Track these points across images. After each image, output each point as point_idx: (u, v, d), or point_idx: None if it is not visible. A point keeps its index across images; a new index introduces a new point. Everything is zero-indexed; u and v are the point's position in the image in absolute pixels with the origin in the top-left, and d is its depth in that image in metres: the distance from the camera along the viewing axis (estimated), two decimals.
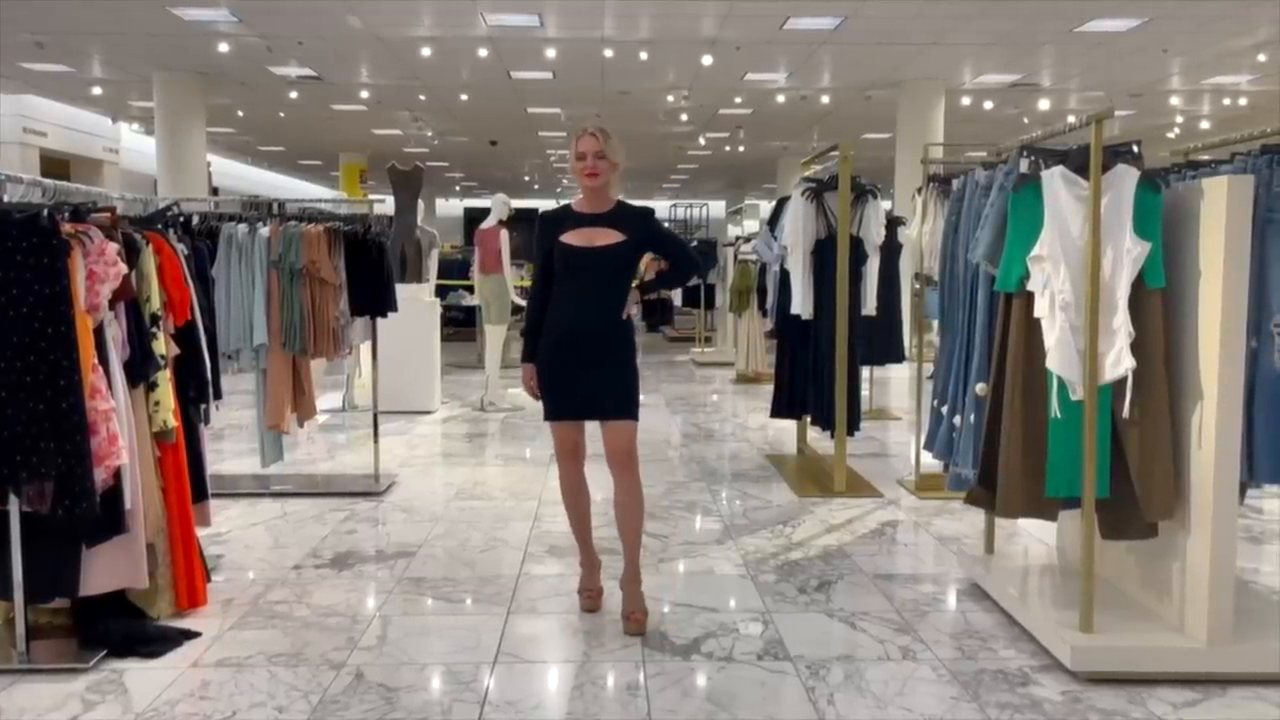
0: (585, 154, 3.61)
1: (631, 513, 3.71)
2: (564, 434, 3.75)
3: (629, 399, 3.67)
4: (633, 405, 3.68)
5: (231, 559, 4.43)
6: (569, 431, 3.75)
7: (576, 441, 3.77)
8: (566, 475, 3.82)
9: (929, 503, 5.54)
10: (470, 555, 4.54)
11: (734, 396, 10.14)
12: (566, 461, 3.79)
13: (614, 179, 3.70)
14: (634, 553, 3.72)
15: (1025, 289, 3.24)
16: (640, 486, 3.73)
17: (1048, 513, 3.33)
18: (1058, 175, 3.19)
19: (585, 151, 3.61)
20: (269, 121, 17.94)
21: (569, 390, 3.65)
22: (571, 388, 3.64)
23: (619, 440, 3.66)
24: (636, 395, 3.71)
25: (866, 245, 5.81)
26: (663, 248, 3.86)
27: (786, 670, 3.24)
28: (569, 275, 3.64)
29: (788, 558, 4.51)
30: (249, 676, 3.17)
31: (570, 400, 3.67)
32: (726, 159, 23.18)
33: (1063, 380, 3.15)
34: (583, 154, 3.61)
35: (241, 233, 5.50)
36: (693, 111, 16.40)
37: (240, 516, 5.19)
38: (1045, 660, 3.30)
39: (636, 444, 3.70)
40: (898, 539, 4.89)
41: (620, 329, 3.67)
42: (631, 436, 3.68)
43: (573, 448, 3.77)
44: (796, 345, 6.14)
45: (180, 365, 3.81)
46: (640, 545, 3.75)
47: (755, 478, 6.23)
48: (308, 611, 3.77)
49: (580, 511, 3.86)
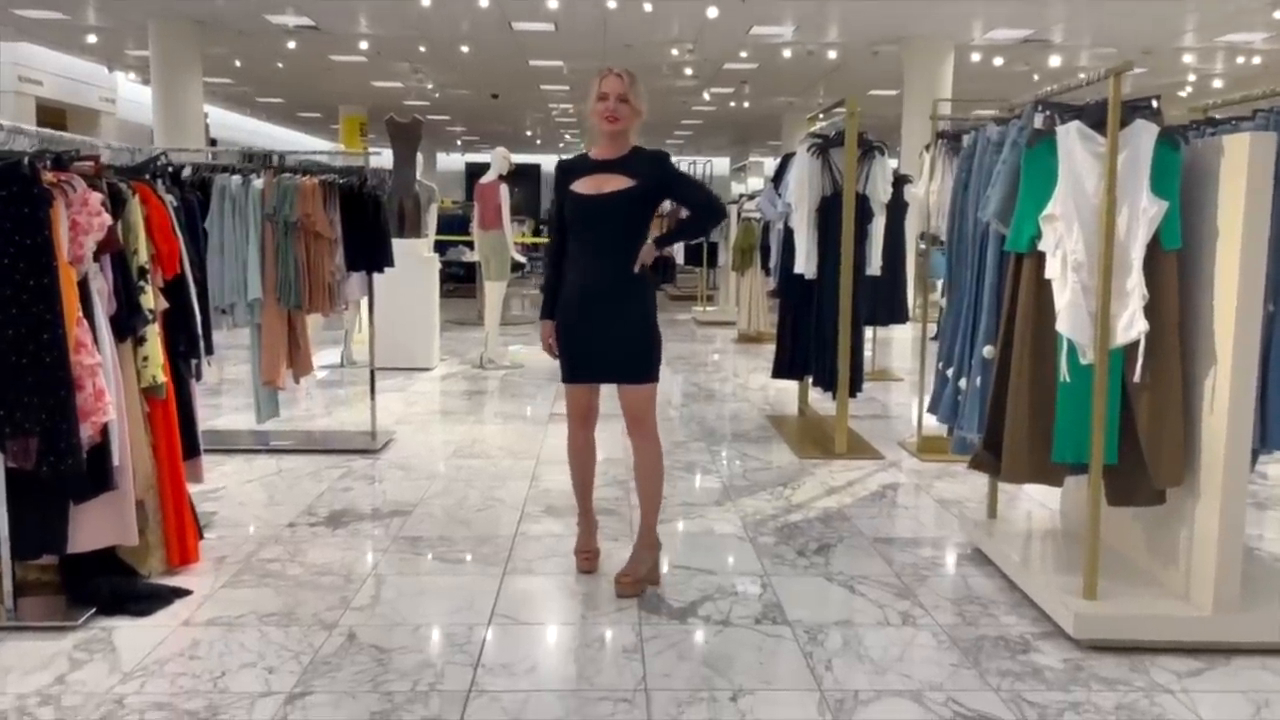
0: (608, 95, 3.45)
1: (648, 478, 3.62)
2: (577, 397, 3.65)
3: (646, 361, 3.54)
4: (649, 368, 3.55)
5: (225, 516, 4.38)
6: (583, 395, 3.65)
7: (590, 406, 3.67)
8: (574, 438, 3.73)
9: (931, 465, 5.49)
10: (466, 514, 4.49)
11: (735, 356, 10.06)
12: (576, 425, 3.70)
13: (635, 128, 3.52)
14: (651, 517, 3.62)
15: (1036, 249, 3.15)
16: (659, 452, 3.61)
17: (1053, 478, 3.27)
18: (1073, 131, 3.08)
19: (608, 92, 3.45)
20: (267, 72, 17.67)
21: (584, 352, 3.54)
22: (586, 349, 3.53)
23: (635, 405, 3.55)
24: (655, 356, 3.57)
25: (872, 203, 5.69)
26: (681, 191, 3.64)
27: (784, 634, 3.20)
28: (578, 227, 3.52)
29: (787, 520, 4.46)
30: (239, 636, 3.13)
31: (585, 363, 3.55)
32: (731, 115, 22.87)
33: (1072, 343, 3.07)
34: (605, 95, 3.45)
35: (235, 185, 5.39)
36: (697, 66, 16.12)
37: (236, 473, 5.14)
38: (1047, 627, 3.25)
39: (655, 408, 3.58)
40: (898, 502, 4.84)
41: (633, 284, 3.50)
42: (649, 401, 3.55)
43: (585, 412, 3.67)
44: (799, 305, 6.04)
45: (169, 319, 3.72)
46: (658, 505, 3.64)
47: (755, 438, 6.17)
48: (301, 570, 3.73)
49: (584, 475, 3.78)
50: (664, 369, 3.65)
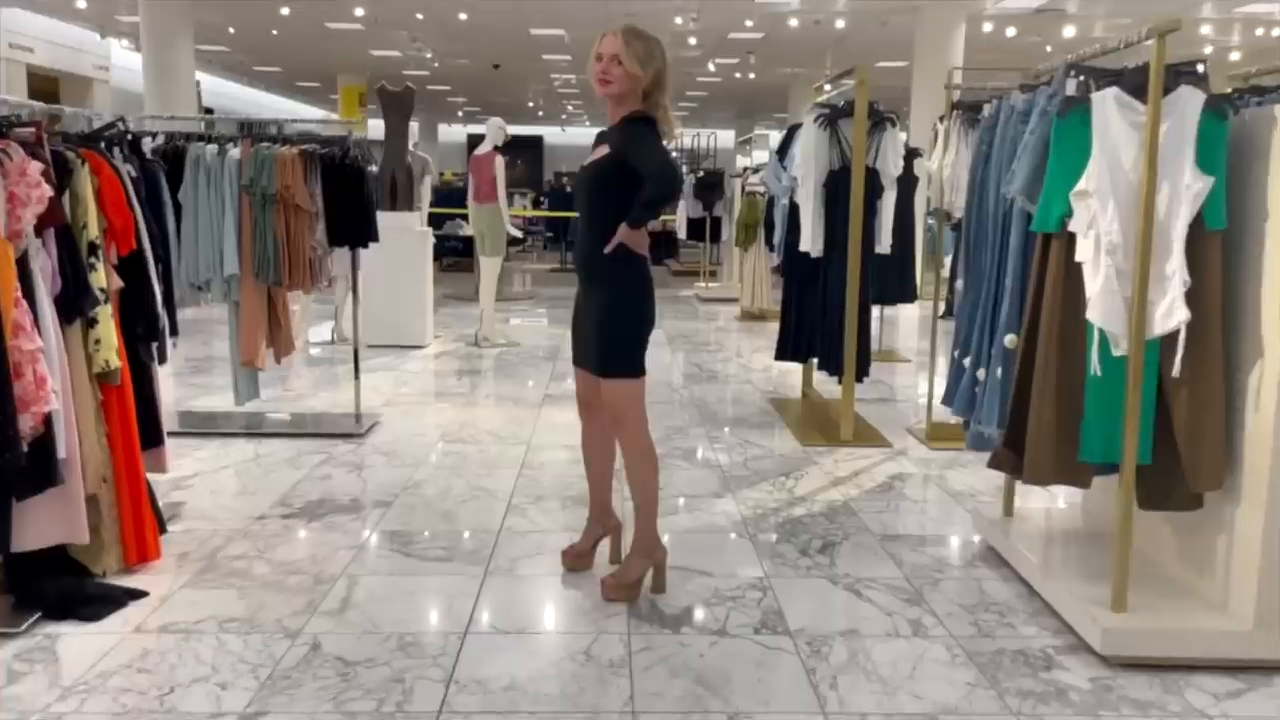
0: (601, 55, 3.15)
1: (632, 484, 3.31)
2: (578, 383, 3.47)
3: (605, 351, 3.19)
4: (610, 359, 3.17)
5: (194, 506, 4.13)
6: (579, 380, 3.45)
7: (585, 392, 3.42)
8: (582, 429, 3.51)
9: (940, 454, 5.22)
10: (450, 506, 4.24)
11: (738, 335, 9.78)
12: (580, 412, 3.49)
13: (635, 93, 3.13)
14: (641, 522, 3.29)
15: (1066, 229, 2.86)
16: (642, 453, 3.26)
17: (1080, 479, 3.00)
18: (1110, 98, 2.79)
19: (602, 52, 3.14)
20: (262, 40, 17.29)
21: (575, 334, 3.40)
22: (576, 331, 3.39)
23: (607, 400, 3.24)
24: (622, 348, 3.18)
25: (883, 178, 5.39)
26: (634, 159, 3.07)
27: (785, 647, 2.95)
28: (576, 201, 3.45)
29: (789, 514, 4.20)
30: (195, 645, 2.88)
31: (574, 345, 3.42)
32: (736, 86, 22.43)
33: (1105, 333, 2.79)
34: (599, 55, 3.15)
35: (210, 154, 5.11)
36: (702, 35, 15.72)
37: (210, 458, 4.89)
38: (1070, 640, 3.00)
39: (636, 408, 3.22)
40: (907, 494, 4.58)
41: (603, 265, 3.14)
42: (623, 398, 3.19)
43: (585, 401, 3.44)
44: (804, 284, 5.77)
45: (126, 299, 3.46)
46: (651, 512, 3.30)
47: (757, 424, 5.91)
48: (268, 569, 3.48)
49: (591, 470, 3.50)
50: (664, 348, 3.41)
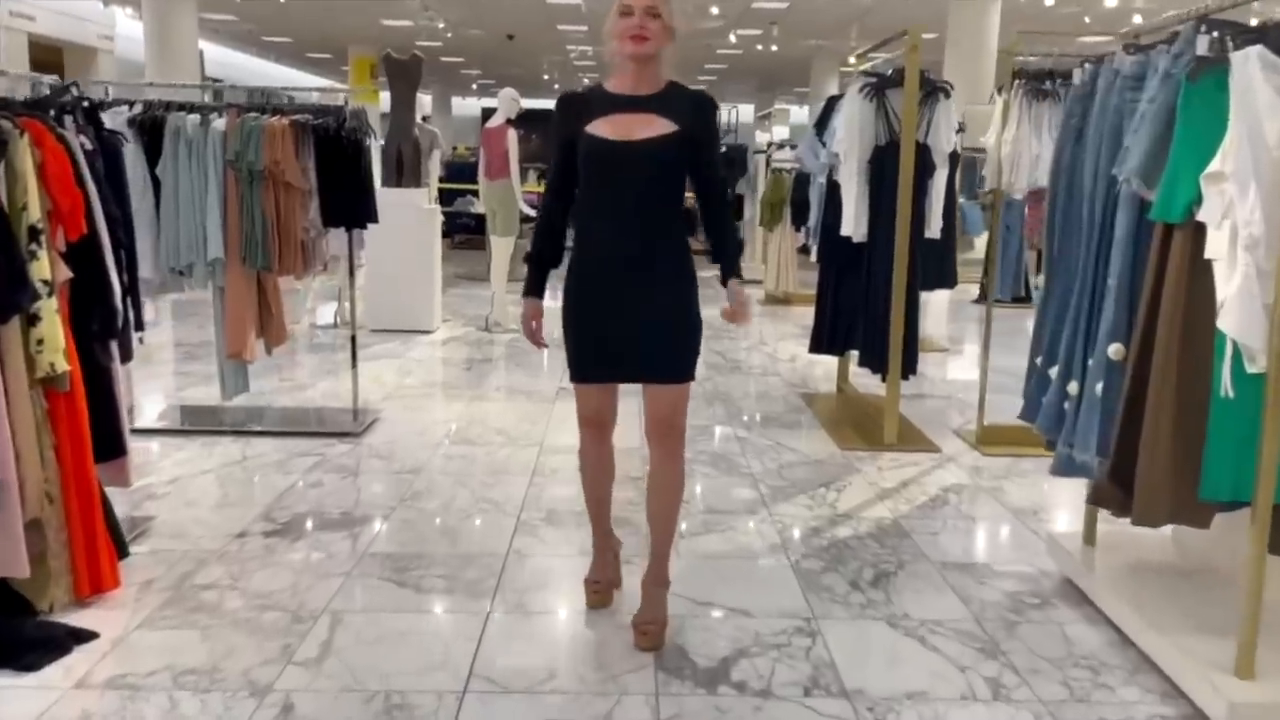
0: (633, 8, 2.66)
1: (667, 499, 2.90)
2: (592, 399, 2.91)
3: (684, 354, 2.82)
4: (688, 362, 2.83)
5: (166, 521, 3.69)
6: (600, 397, 2.91)
7: (607, 409, 2.94)
8: (589, 449, 3.00)
9: (994, 460, 4.74)
10: (452, 521, 3.78)
11: (762, 319, 9.28)
12: (591, 433, 2.97)
13: (666, 56, 2.74)
14: (664, 547, 2.91)
15: (1194, 219, 2.36)
16: (682, 468, 2.91)
17: (1199, 519, 2.51)
18: (1254, 59, 2.27)
19: (633, 5, 2.66)
20: (270, 8, 16.74)
21: (604, 342, 2.79)
22: (608, 337, 2.78)
23: (664, 408, 2.81)
24: (696, 346, 2.85)
25: (934, 154, 4.87)
26: (707, 158, 2.79)
27: (843, 715, 2.48)
28: (600, 181, 2.76)
29: (834, 535, 3.73)
30: (141, 707, 2.44)
31: (605, 356, 2.81)
32: (757, 59, 21.76)
33: (1238, 346, 2.30)
34: (629, 8, 2.67)
35: (191, 126, 4.64)
36: (724, 4, 15.11)
37: (191, 461, 4.45)
38: (1184, 709, 2.52)
39: (686, 411, 2.86)
40: (963, 510, 4.10)
41: (676, 254, 2.79)
42: (682, 403, 2.83)
43: (602, 418, 2.94)
44: (843, 271, 5.26)
45: (77, 292, 3.01)
46: (674, 538, 2.97)
47: (789, 423, 5.43)
48: (241, 602, 3.03)
49: (600, 493, 3.07)
50: None
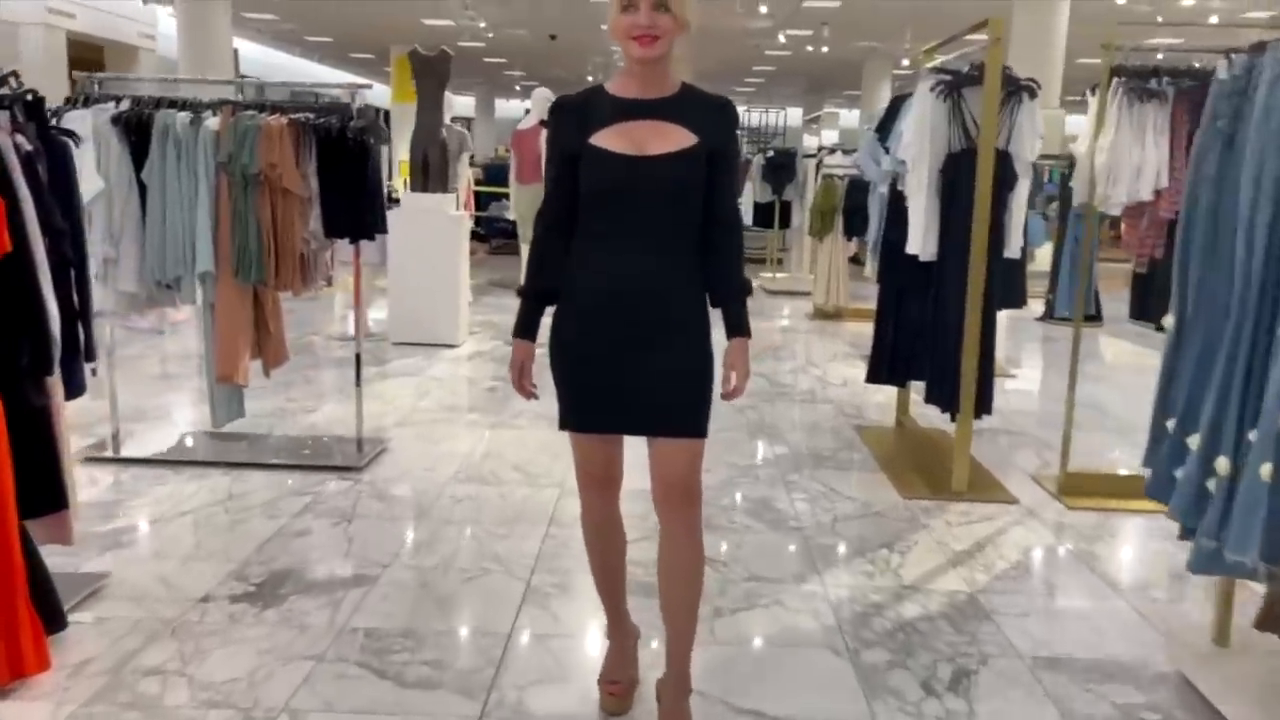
0: (636, 3, 2.16)
1: (685, 588, 2.38)
2: (593, 452, 2.41)
3: (697, 405, 2.33)
4: (702, 414, 2.34)
5: (122, 579, 3.20)
6: (601, 450, 2.41)
7: (611, 463, 2.44)
8: (592, 510, 2.50)
9: (1082, 515, 4.12)
10: (450, 587, 3.25)
11: (810, 336, 8.68)
12: (593, 493, 2.47)
13: (679, 54, 2.27)
14: (683, 643, 2.39)
15: None
16: (701, 543, 2.39)
17: None
18: None
19: (635, 0, 2.17)
20: (310, 7, 16.48)
21: (608, 386, 2.31)
22: (611, 383, 2.30)
23: (676, 467, 2.32)
24: (709, 397, 2.35)
25: (1016, 163, 4.26)
26: (722, 177, 2.31)
27: None
28: (607, 202, 2.27)
29: (899, 615, 3.14)
30: None
31: (609, 402, 2.32)
32: (807, 60, 21.11)
33: None
34: (631, 3, 2.16)
35: (180, 125, 4.18)
36: (774, 3, 14.52)
37: (170, 500, 3.97)
38: None
39: (700, 476, 2.36)
40: (1054, 584, 3.48)
41: (693, 288, 2.34)
42: (699, 461, 2.35)
43: (605, 474, 2.44)
44: (907, 293, 4.68)
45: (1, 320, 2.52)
46: (694, 631, 2.42)
47: (842, 462, 4.83)
48: (185, 696, 2.52)
49: (610, 561, 2.56)
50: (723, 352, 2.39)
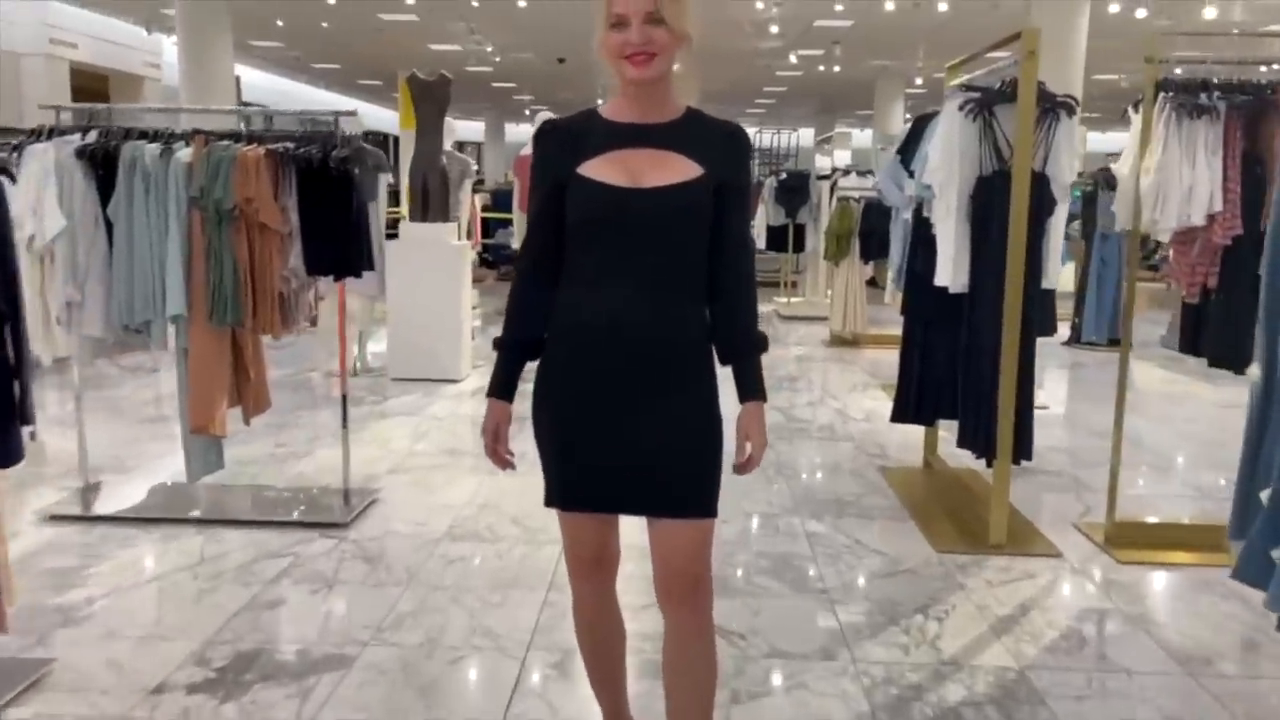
0: (626, 18, 1.85)
1: (693, 683, 2.04)
2: (582, 532, 2.06)
3: (704, 478, 1.97)
4: (709, 490, 1.98)
5: (69, 664, 2.86)
6: (593, 529, 2.06)
7: (605, 545, 2.09)
8: (584, 603, 2.17)
9: (1132, 571, 3.75)
10: (434, 671, 2.90)
11: (827, 365, 8.33)
12: (583, 579, 2.14)
13: (683, 72, 1.97)
14: None
15: None
16: (713, 638, 2.05)
17: None
18: None
19: (625, 14, 1.85)
20: (314, 34, 16.32)
21: (595, 457, 1.96)
22: (601, 453, 1.95)
23: (681, 553, 1.98)
24: (718, 468, 1.99)
25: (1054, 186, 3.92)
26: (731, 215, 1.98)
27: None
28: (599, 240, 1.94)
29: (941, 699, 2.78)
30: None
31: (597, 477, 1.97)
32: (818, 80, 20.85)
33: None
34: (621, 18, 1.85)
35: (150, 156, 3.89)
36: (785, 23, 14.25)
37: (135, 565, 3.65)
38: None
39: (710, 558, 2.02)
40: (1109, 657, 3.11)
41: (698, 340, 1.99)
42: (708, 545, 2.00)
43: (596, 557, 2.10)
44: (934, 327, 4.35)
45: None
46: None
47: (868, 510, 4.47)
48: None
49: (607, 656, 2.23)
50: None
